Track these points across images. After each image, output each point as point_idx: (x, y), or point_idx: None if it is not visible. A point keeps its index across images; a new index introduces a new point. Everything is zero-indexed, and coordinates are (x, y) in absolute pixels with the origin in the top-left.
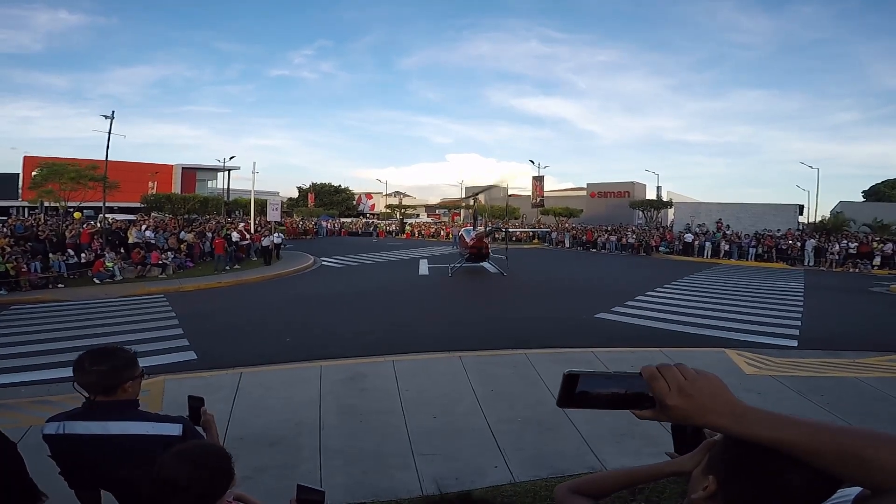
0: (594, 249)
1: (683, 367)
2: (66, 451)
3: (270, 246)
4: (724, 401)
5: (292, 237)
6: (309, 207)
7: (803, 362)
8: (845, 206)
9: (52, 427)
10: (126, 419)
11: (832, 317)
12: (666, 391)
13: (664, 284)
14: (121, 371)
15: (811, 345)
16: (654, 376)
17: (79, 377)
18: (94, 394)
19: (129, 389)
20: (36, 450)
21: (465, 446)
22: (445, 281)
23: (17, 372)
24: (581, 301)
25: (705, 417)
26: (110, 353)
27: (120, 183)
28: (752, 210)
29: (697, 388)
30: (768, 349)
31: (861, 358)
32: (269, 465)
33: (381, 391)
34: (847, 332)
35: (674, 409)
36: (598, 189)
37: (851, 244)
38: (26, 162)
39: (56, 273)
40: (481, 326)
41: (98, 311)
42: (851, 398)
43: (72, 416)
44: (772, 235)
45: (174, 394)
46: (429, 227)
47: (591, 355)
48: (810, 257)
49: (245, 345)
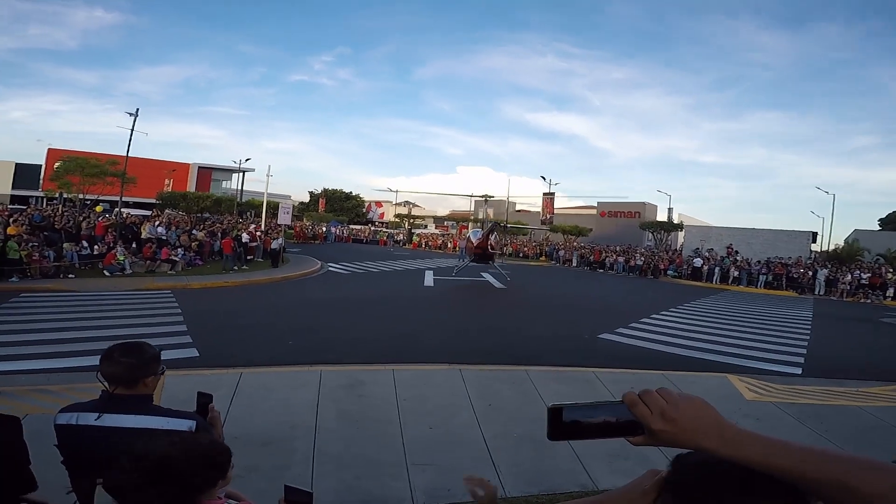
0: (601, 270)
1: (666, 392)
2: (77, 442)
3: (278, 248)
4: (710, 423)
5: (301, 241)
6: (319, 212)
7: (806, 390)
8: (860, 235)
9: (65, 417)
10: (140, 413)
11: (839, 346)
12: (648, 416)
13: (670, 308)
14: (146, 366)
15: (815, 373)
16: (634, 402)
17: (105, 367)
18: (116, 385)
19: (148, 384)
20: (33, 436)
21: (460, 458)
22: (449, 293)
23: (18, 360)
24: (585, 321)
25: (693, 440)
26: (139, 348)
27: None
28: (763, 236)
29: (681, 412)
30: (772, 376)
31: (864, 387)
32: (261, 466)
33: (379, 399)
34: (853, 362)
35: (659, 434)
36: (608, 208)
37: (864, 275)
38: (49, 154)
39: (68, 263)
40: (483, 340)
41: (105, 304)
42: (851, 426)
43: (86, 408)
44: (783, 263)
45: (173, 390)
46: (436, 238)
47: (591, 375)
48: (821, 286)
49: (248, 345)
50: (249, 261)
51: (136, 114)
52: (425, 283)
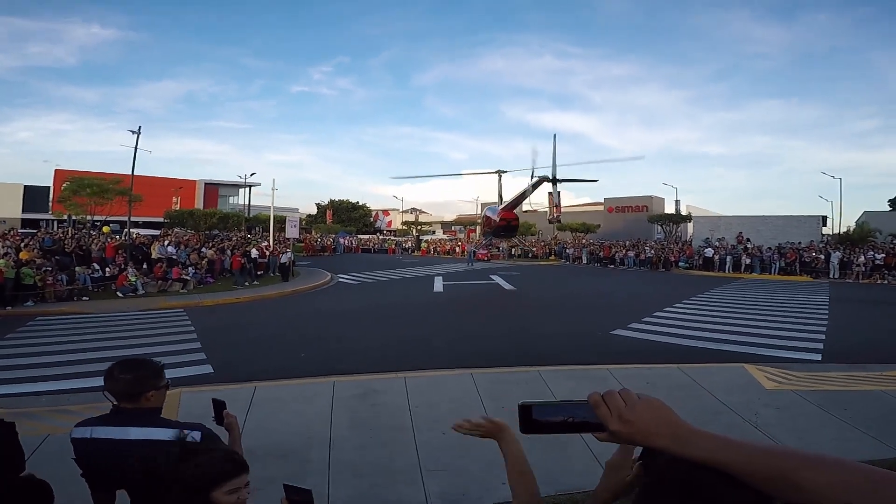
0: (612, 266)
1: (627, 393)
2: (91, 455)
3: (288, 263)
4: (664, 423)
5: (310, 254)
6: (327, 224)
7: (827, 376)
8: (870, 216)
9: (81, 431)
10: (148, 425)
11: (858, 329)
12: (608, 417)
13: (683, 300)
14: (146, 381)
15: (836, 358)
16: (597, 404)
17: (108, 384)
18: (120, 400)
19: (151, 398)
20: (54, 456)
21: (474, 462)
22: (459, 298)
23: (38, 381)
24: (596, 317)
25: (647, 440)
26: (138, 364)
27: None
28: (773, 223)
29: (637, 414)
30: (791, 363)
31: (888, 371)
32: (278, 477)
33: (392, 407)
34: (874, 345)
35: (617, 434)
36: (615, 203)
37: (878, 255)
38: (57, 175)
39: (81, 286)
40: (494, 343)
41: (119, 325)
42: (875, 411)
43: (99, 422)
44: (794, 248)
45: (189, 406)
46: (444, 243)
47: (605, 372)
48: (835, 269)
49: (261, 359)
50: (260, 276)
51: (139, 131)
52: (435, 289)
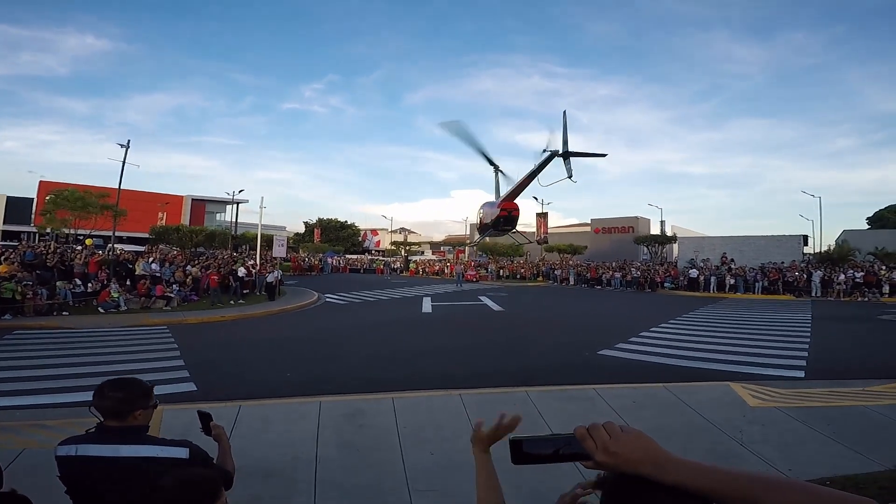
0: (599, 286)
1: (611, 426)
2: (78, 473)
3: (274, 282)
4: (646, 454)
5: (298, 273)
6: (315, 243)
7: (810, 392)
8: (849, 235)
9: (65, 449)
10: (136, 443)
11: (840, 346)
12: (594, 449)
13: (669, 320)
14: (135, 400)
15: (819, 375)
16: (583, 437)
17: (96, 401)
18: (107, 417)
19: (139, 417)
20: (28, 472)
21: (463, 482)
22: (448, 319)
23: (15, 396)
24: (584, 338)
25: (632, 468)
26: (128, 383)
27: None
28: (755, 243)
29: (621, 445)
30: (775, 381)
31: (870, 386)
32: (263, 496)
33: (379, 427)
34: (856, 361)
35: (602, 464)
36: (602, 224)
37: (858, 273)
38: (41, 187)
39: (62, 300)
40: (482, 363)
41: (100, 340)
42: (858, 427)
43: (85, 440)
44: (777, 268)
45: (170, 423)
46: (433, 264)
47: (592, 392)
48: (817, 288)
49: (246, 378)
50: (246, 294)
51: (128, 145)
52: (423, 310)
